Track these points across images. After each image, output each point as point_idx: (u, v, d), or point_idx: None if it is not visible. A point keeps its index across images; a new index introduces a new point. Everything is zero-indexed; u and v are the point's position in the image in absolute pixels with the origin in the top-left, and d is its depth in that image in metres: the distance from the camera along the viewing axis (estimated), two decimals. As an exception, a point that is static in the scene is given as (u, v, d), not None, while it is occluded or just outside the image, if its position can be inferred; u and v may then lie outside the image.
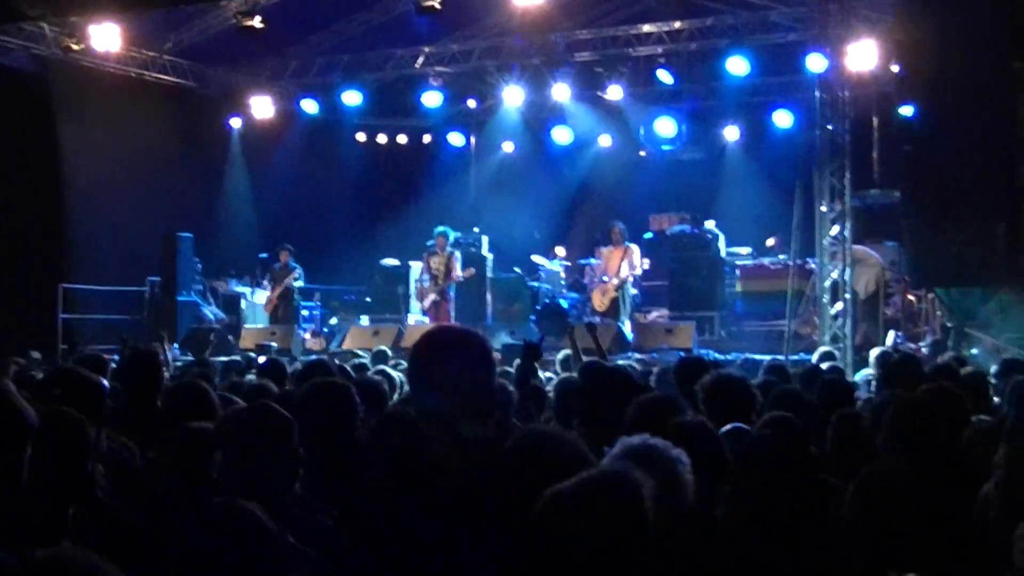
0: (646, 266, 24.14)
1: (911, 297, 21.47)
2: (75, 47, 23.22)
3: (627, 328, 22.22)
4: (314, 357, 16.24)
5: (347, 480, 5.24)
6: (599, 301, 23.17)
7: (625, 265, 22.97)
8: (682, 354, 18.57)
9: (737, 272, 24.60)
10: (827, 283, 19.87)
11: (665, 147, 28.17)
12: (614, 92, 25.94)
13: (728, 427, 6.57)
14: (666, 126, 27.53)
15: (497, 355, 14.24)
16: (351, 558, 4.43)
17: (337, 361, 12.18)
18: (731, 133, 27.84)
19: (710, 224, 25.03)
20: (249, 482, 4.90)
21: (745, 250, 25.56)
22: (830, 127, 19.81)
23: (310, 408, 6.28)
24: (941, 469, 5.76)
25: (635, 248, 23.32)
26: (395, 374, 9.61)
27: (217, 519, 3.91)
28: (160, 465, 6.15)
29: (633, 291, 24.66)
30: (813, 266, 20.79)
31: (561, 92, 26.34)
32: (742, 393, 7.24)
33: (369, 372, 10.51)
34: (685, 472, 4.44)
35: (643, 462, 4.25)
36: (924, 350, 18.29)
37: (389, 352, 15.90)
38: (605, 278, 23.06)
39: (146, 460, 6.40)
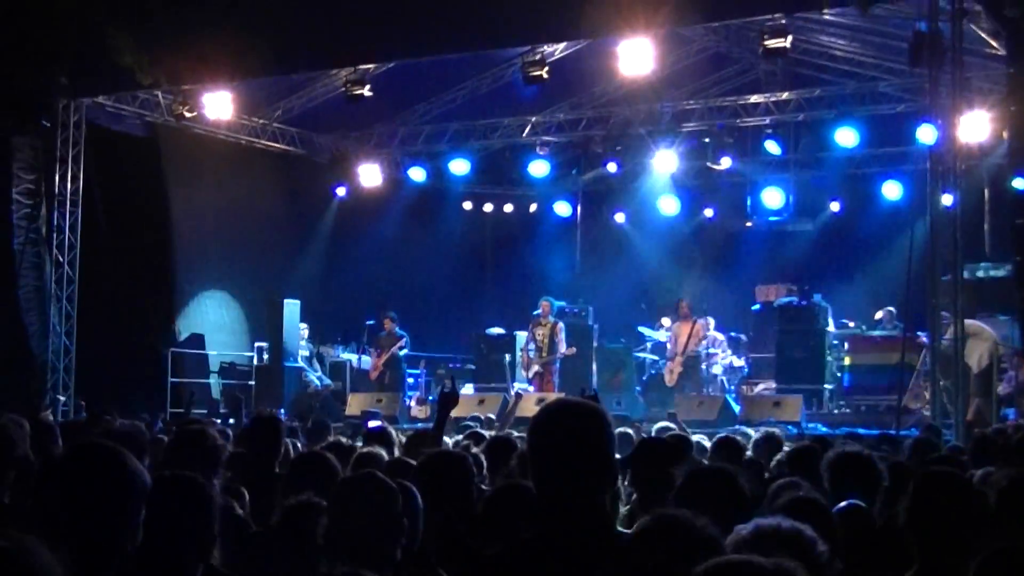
0: (719, 338, 24.13)
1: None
2: (187, 114, 23.56)
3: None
4: (419, 426, 16.28)
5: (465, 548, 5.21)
6: (669, 376, 23.23)
7: (692, 341, 22.97)
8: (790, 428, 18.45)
9: (846, 345, 24.33)
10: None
11: (772, 218, 28.03)
12: (723, 162, 25.86)
13: (844, 504, 6.48)
14: (773, 197, 27.43)
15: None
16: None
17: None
18: (839, 204, 27.57)
19: (817, 296, 24.79)
20: (353, 548, 4.90)
21: (852, 323, 25.30)
22: (942, 199, 19.54)
23: (429, 477, 6.27)
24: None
25: (703, 323, 23.31)
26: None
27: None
28: (270, 531, 6.14)
29: (739, 363, 24.51)
30: (924, 339, 20.47)
31: (668, 162, 26.31)
32: (868, 470, 7.11)
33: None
34: (823, 555, 4.34)
35: (780, 545, 4.18)
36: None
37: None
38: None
39: (260, 526, 6.42)
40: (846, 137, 23.86)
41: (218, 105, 23.27)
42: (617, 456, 4.58)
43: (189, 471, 4.77)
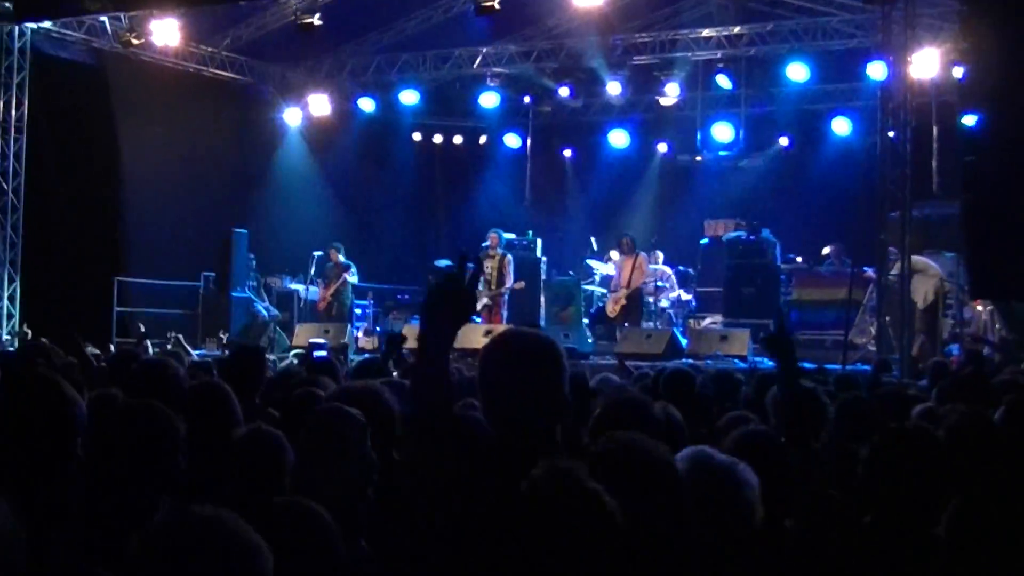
0: (667, 272, 24.25)
1: (979, 308, 21.24)
2: (135, 42, 23.30)
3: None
4: (367, 356, 16.22)
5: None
6: (611, 308, 23.28)
7: (636, 275, 23.01)
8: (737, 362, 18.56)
9: (793, 280, 24.44)
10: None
11: (722, 152, 28.04)
12: (671, 92, 25.85)
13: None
14: (723, 131, 27.43)
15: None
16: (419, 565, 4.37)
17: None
18: (788, 140, 27.59)
19: (766, 231, 24.86)
20: (323, 486, 4.84)
21: (800, 258, 25.41)
22: (891, 135, 19.60)
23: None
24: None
25: (644, 257, 23.33)
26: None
27: (280, 518, 3.85)
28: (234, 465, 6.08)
29: (687, 297, 24.60)
30: (871, 275, 20.59)
31: (618, 95, 26.31)
32: (814, 405, 7.11)
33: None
34: (749, 488, 4.37)
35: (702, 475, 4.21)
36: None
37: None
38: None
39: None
40: (797, 72, 23.91)
41: (166, 32, 22.99)
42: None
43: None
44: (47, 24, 23.25)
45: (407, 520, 5.00)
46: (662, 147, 29.07)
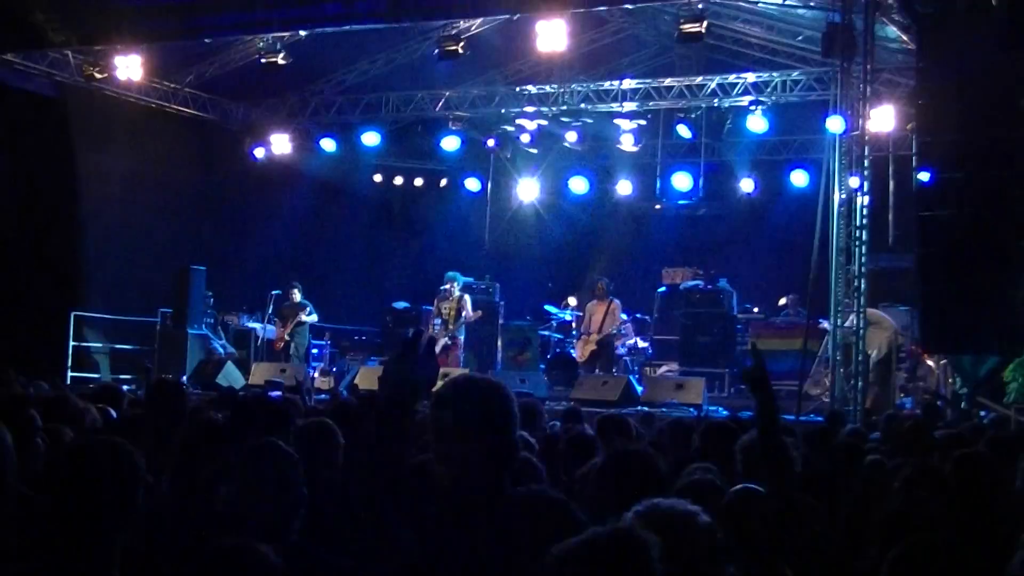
0: (623, 318, 24.31)
1: (930, 363, 21.42)
2: (98, 75, 23.32)
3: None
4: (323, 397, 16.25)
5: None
6: (580, 352, 23.30)
7: (608, 321, 23.05)
8: (692, 411, 18.61)
9: (749, 329, 24.57)
10: (840, 344, 19.78)
11: (681, 201, 28.21)
12: (628, 142, 26.02)
13: (739, 487, 6.54)
14: (683, 180, 27.59)
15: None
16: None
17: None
18: (747, 189, 27.71)
19: (723, 280, 25.01)
20: (254, 520, 4.88)
21: (756, 308, 25.56)
22: (847, 188, 19.79)
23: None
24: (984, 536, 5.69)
25: (617, 304, 23.39)
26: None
27: (230, 562, 3.87)
28: (170, 498, 6.10)
29: (643, 344, 24.68)
30: (826, 326, 20.72)
31: (578, 142, 26.48)
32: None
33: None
34: (702, 531, 4.41)
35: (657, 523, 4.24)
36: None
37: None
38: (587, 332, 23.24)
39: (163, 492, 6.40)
40: (757, 124, 24.06)
41: (129, 67, 23.01)
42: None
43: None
44: (9, 56, 23.21)
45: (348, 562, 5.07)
46: (624, 188, 29.02)
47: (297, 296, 24.65)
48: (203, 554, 3.85)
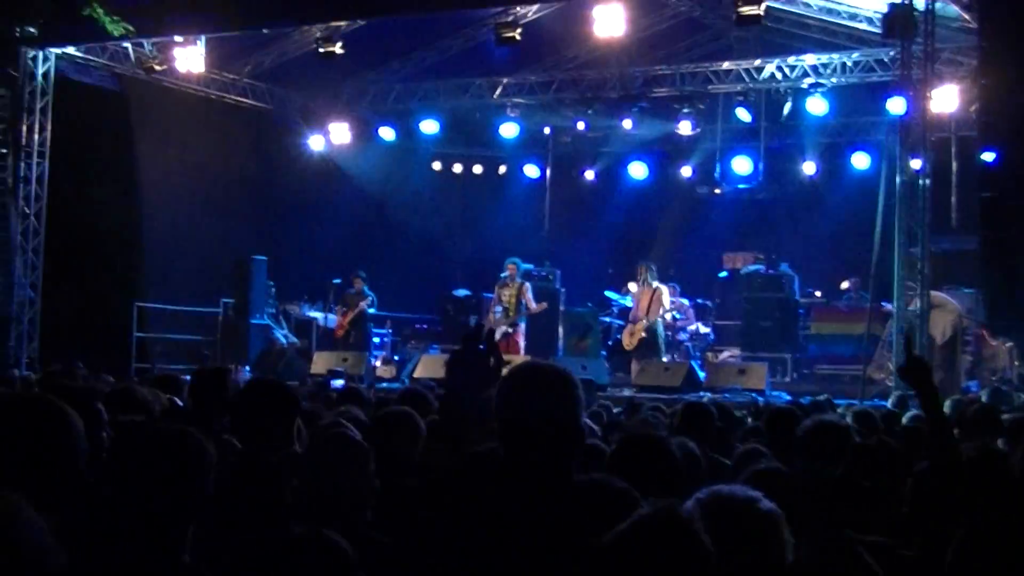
0: (684, 304, 24.11)
1: (995, 345, 21.22)
2: (157, 68, 23.45)
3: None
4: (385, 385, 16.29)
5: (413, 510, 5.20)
6: (627, 340, 23.05)
7: (655, 306, 22.81)
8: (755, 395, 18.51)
9: (811, 314, 24.42)
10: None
11: (741, 185, 28.04)
12: (682, 127, 25.86)
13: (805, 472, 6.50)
14: (743, 164, 27.41)
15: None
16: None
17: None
18: (808, 172, 27.51)
19: (784, 265, 24.87)
20: (325, 510, 4.86)
21: (818, 292, 25.40)
22: (909, 170, 19.61)
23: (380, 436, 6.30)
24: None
25: (664, 289, 23.10)
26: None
27: (303, 550, 3.87)
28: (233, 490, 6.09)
29: (705, 329, 24.55)
30: (889, 309, 20.55)
31: (638, 127, 26.36)
32: (845, 441, 7.09)
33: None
34: (764, 517, 4.37)
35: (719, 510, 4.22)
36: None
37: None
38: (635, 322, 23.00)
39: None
40: (817, 106, 23.86)
41: (189, 59, 23.11)
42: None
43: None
44: (71, 50, 23.39)
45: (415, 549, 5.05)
46: (684, 172, 28.91)
47: (361, 285, 24.69)
48: (274, 542, 3.84)
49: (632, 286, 24.74)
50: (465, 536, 4.18)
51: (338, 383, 16.63)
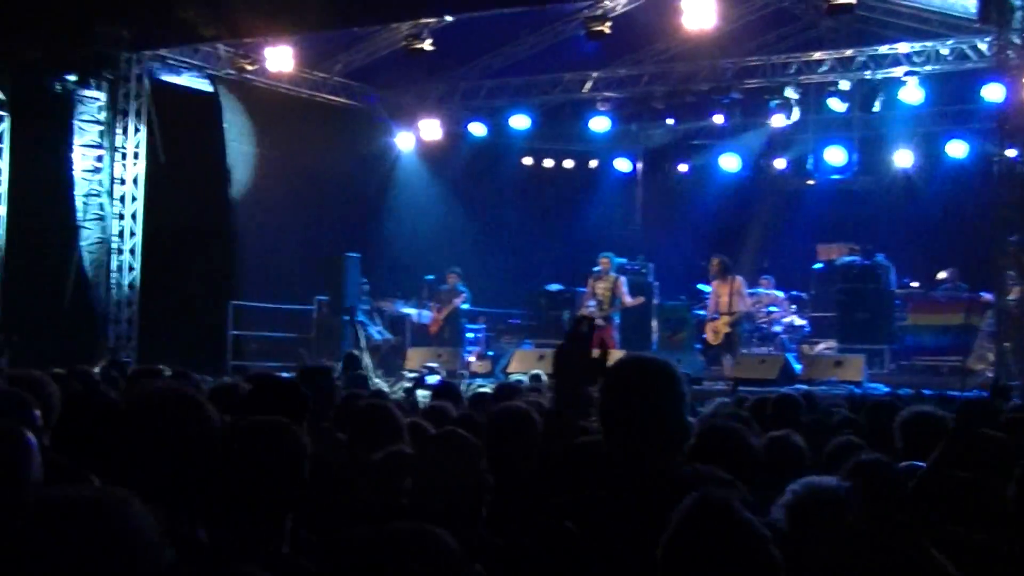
0: (779, 296, 23.96)
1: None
2: (248, 68, 23.64)
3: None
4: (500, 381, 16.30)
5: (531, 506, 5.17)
6: (711, 336, 22.84)
7: (736, 299, 22.55)
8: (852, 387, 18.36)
9: (908, 305, 24.15)
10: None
11: (835, 176, 27.80)
12: (775, 120, 25.64)
13: (904, 464, 6.45)
14: (836, 155, 27.18)
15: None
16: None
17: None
18: (903, 162, 27.21)
19: (880, 256, 24.60)
20: (437, 508, 4.85)
21: (915, 283, 25.11)
22: (1008, 157, 19.32)
23: (498, 432, 6.29)
24: None
25: (740, 280, 22.88)
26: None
27: (404, 545, 3.84)
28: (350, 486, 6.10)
29: (800, 322, 24.34)
30: (988, 299, 20.28)
31: (729, 119, 26.20)
32: (942, 431, 7.02)
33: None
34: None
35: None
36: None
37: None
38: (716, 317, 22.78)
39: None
40: (911, 95, 23.56)
41: (279, 58, 23.27)
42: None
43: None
44: (163, 51, 23.62)
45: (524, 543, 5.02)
46: (777, 164, 28.68)
47: (455, 281, 24.73)
48: (378, 537, 3.82)
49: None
50: (572, 530, 4.16)
51: (433, 379, 16.66)
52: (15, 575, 2.78)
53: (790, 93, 24.72)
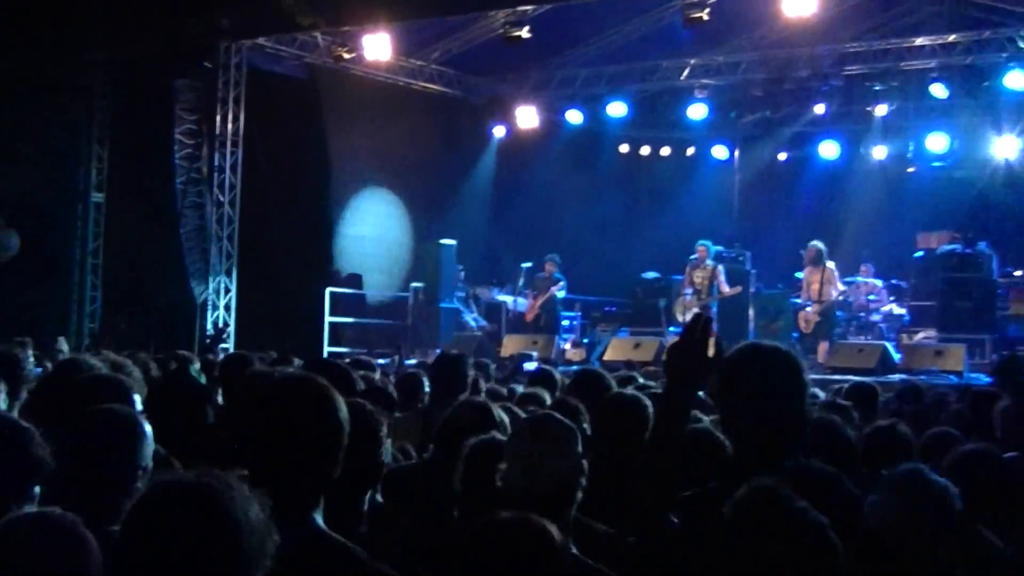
0: (878, 285, 23.70)
1: None
2: (346, 56, 23.73)
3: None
4: (574, 368, 16.24)
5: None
6: (803, 325, 22.64)
7: (827, 288, 22.30)
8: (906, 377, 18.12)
9: (1011, 294, 23.78)
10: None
11: (936, 163, 27.44)
12: (881, 109, 25.35)
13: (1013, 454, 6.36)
14: (938, 142, 26.81)
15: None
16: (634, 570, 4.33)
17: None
18: (1006, 150, 26.76)
19: (982, 244, 24.24)
20: (532, 493, 4.83)
21: (1019, 272, 24.73)
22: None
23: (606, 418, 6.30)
24: None
25: (833, 268, 22.62)
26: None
27: (510, 534, 3.82)
28: (438, 470, 6.10)
29: (899, 311, 24.07)
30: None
31: (828, 106, 25.95)
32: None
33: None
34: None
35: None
36: None
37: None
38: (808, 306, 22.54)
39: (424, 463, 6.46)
40: (1016, 80, 23.19)
41: (377, 47, 23.29)
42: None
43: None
44: (262, 40, 23.78)
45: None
46: (877, 151, 28.31)
47: (552, 269, 24.69)
48: (482, 526, 3.81)
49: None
50: (676, 524, 4.11)
51: (530, 366, 16.66)
52: (129, 561, 2.80)
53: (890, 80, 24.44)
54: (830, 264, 22.73)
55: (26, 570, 3.41)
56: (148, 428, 4.63)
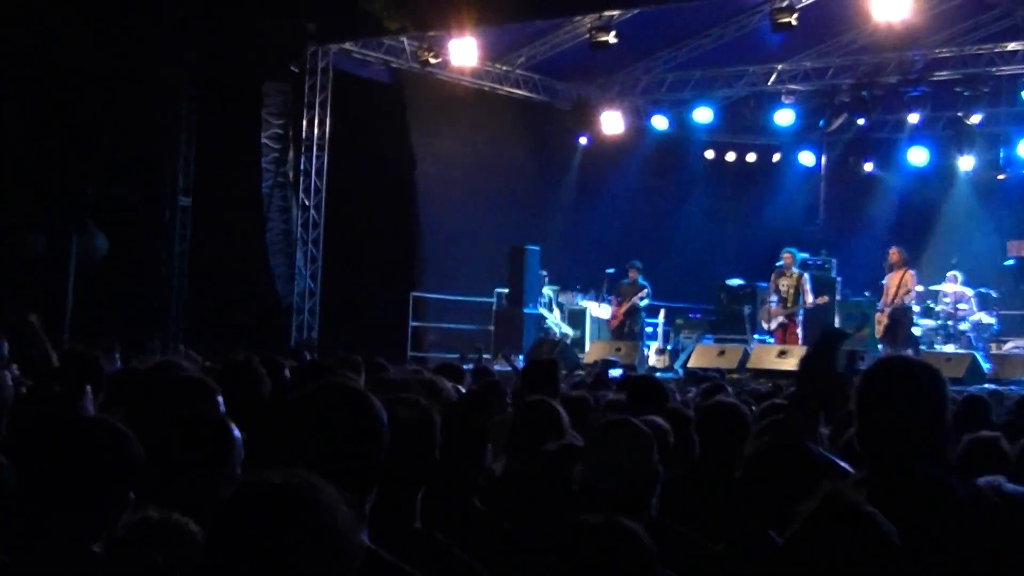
0: (967, 293, 23.32)
1: None
2: (432, 61, 23.77)
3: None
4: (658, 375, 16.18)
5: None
6: (878, 329, 22.37)
7: (901, 292, 22.03)
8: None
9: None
10: None
11: (1027, 171, 27.13)
12: (975, 118, 25.06)
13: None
14: (1030, 149, 26.50)
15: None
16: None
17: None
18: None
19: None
20: (609, 496, 4.82)
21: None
22: None
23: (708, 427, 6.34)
24: None
25: (912, 273, 22.32)
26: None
27: (599, 538, 3.78)
28: (518, 474, 6.09)
29: (989, 319, 23.75)
30: None
31: (916, 112, 25.69)
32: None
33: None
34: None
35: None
36: None
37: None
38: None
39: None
40: (1110, 86, 22.89)
41: (463, 51, 23.32)
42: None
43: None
44: (348, 45, 23.88)
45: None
46: (966, 163, 27.96)
47: (636, 275, 24.57)
48: (568, 530, 3.77)
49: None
50: (775, 540, 4.05)
51: (616, 372, 16.58)
52: (220, 562, 2.77)
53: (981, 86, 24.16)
54: (911, 270, 22.48)
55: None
56: (237, 434, 4.62)
